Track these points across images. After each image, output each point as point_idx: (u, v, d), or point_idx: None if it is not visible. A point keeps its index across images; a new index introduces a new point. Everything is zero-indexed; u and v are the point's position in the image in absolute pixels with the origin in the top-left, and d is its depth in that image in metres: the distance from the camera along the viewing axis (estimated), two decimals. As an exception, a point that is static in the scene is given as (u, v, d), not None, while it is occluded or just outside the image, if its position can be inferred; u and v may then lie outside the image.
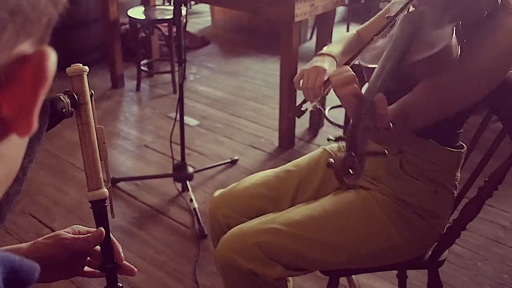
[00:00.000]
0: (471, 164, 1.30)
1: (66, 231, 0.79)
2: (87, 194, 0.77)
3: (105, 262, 0.79)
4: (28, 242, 0.78)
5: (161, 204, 2.42)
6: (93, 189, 0.77)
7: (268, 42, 4.61)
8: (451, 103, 1.04)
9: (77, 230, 0.81)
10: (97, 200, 0.77)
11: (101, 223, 0.78)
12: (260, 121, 3.25)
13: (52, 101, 0.66)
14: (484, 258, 2.07)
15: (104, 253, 0.79)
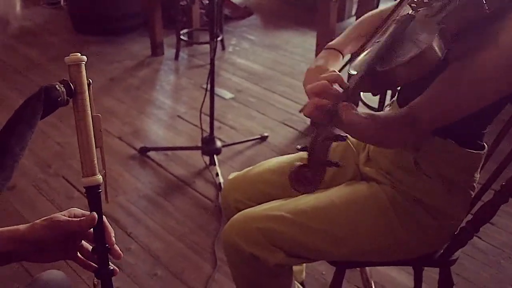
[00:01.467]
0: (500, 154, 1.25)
1: (62, 213, 0.83)
2: (82, 180, 0.80)
3: (97, 245, 0.82)
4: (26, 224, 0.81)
5: (188, 176, 2.46)
6: (88, 176, 0.79)
7: (310, 16, 4.52)
8: (463, 105, 0.99)
9: (73, 213, 0.84)
10: (91, 186, 0.79)
11: (95, 208, 0.81)
12: (294, 98, 3.23)
13: (47, 89, 0.67)
14: (508, 256, 2.01)
15: (96, 236, 0.82)
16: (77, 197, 2.25)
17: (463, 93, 0.97)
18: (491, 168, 1.26)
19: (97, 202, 0.81)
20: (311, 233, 1.19)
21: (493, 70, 0.95)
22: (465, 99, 0.98)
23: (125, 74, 3.44)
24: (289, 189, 1.32)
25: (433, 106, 0.99)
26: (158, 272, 1.88)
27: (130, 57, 3.64)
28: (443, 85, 0.98)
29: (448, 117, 1.00)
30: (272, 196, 1.32)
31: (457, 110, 0.99)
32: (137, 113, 2.99)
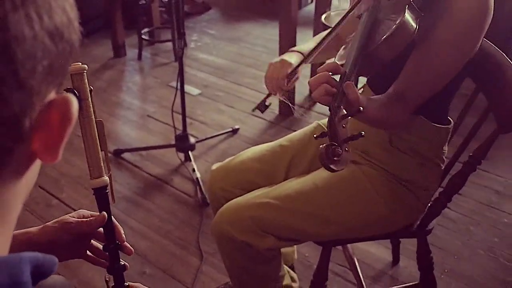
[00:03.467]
0: (465, 129, 1.35)
1: (71, 215, 0.86)
2: (90, 182, 0.84)
3: (108, 243, 0.86)
4: (37, 226, 0.85)
5: (165, 174, 2.49)
6: (95, 177, 0.83)
7: (269, 6, 4.59)
8: (440, 75, 1.10)
9: (81, 215, 0.88)
10: (99, 187, 0.83)
11: (103, 208, 0.85)
12: (261, 89, 3.29)
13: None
14: (476, 222, 2.14)
15: (106, 234, 0.86)
16: (55, 204, 2.26)
17: (435, 64, 1.08)
18: (457, 142, 1.35)
19: (106, 202, 0.85)
20: (298, 216, 1.26)
21: (452, 37, 1.07)
22: (441, 68, 1.09)
23: (90, 77, 3.36)
24: (271, 175, 1.40)
25: (414, 81, 1.09)
26: (147, 270, 1.92)
27: (93, 60, 3.62)
28: (417, 61, 1.09)
29: (431, 89, 1.10)
30: (256, 182, 1.38)
31: (437, 80, 1.09)
32: (106, 116, 2.99)
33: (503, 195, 2.30)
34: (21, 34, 0.35)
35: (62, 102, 0.40)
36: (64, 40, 0.39)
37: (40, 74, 0.38)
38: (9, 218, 0.44)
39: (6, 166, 0.40)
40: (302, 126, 2.79)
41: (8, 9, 0.34)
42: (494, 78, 1.19)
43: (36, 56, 0.37)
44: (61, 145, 0.42)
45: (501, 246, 2.01)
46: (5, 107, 0.36)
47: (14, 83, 0.36)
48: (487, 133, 1.27)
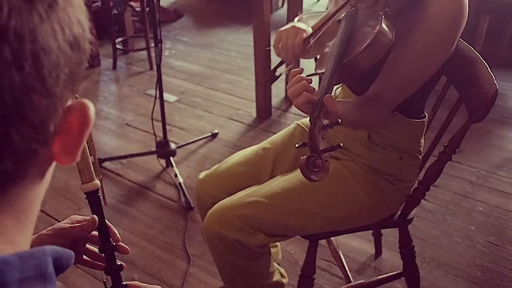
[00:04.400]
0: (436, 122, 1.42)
1: (65, 222, 0.89)
2: (81, 186, 0.86)
3: (103, 245, 0.88)
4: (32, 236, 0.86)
5: (147, 180, 2.51)
6: (86, 182, 0.85)
7: (240, 12, 4.64)
8: (415, 78, 1.15)
9: (74, 220, 0.90)
10: (90, 191, 0.86)
11: (96, 211, 0.87)
12: (237, 93, 3.34)
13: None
14: (452, 212, 2.22)
15: (101, 236, 0.89)
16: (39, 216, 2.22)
17: (413, 68, 1.13)
18: (430, 135, 1.42)
19: (98, 204, 0.87)
20: (286, 212, 1.30)
21: (427, 44, 1.12)
22: (416, 72, 1.14)
23: (65, 89, 3.40)
24: (257, 177, 1.44)
25: (392, 84, 1.14)
26: (135, 276, 1.94)
27: (66, 71, 3.61)
28: (394, 65, 1.14)
29: (407, 91, 1.15)
30: (243, 186, 1.42)
31: (413, 83, 1.15)
32: (84, 126, 2.98)
33: (476, 185, 2.39)
34: (47, 45, 0.38)
35: (80, 107, 0.44)
36: (80, 50, 0.43)
37: (63, 81, 0.41)
38: (32, 217, 0.47)
39: (32, 168, 0.43)
40: (279, 128, 2.87)
41: (36, 22, 0.38)
42: (464, 71, 1.26)
43: (60, 65, 0.40)
44: (79, 147, 0.45)
45: (478, 234, 2.09)
46: (35, 113, 0.39)
47: (42, 90, 0.39)
48: (457, 126, 1.33)
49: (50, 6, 0.39)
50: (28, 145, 0.40)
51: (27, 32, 0.37)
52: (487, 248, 2.02)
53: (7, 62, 0.36)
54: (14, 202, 0.43)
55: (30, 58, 0.37)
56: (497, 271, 1.91)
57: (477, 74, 1.22)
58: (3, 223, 0.43)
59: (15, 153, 0.39)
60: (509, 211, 2.22)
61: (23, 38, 0.37)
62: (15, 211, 0.44)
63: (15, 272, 0.39)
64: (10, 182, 0.42)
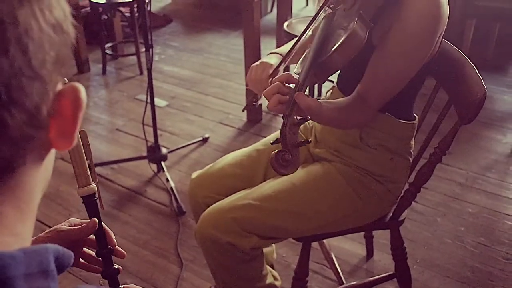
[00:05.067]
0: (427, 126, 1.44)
1: (63, 224, 0.89)
2: (78, 190, 0.86)
3: (100, 248, 0.89)
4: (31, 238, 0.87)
5: (138, 185, 2.51)
6: (83, 186, 0.85)
7: (230, 17, 4.66)
8: (397, 78, 1.17)
9: (72, 223, 0.90)
10: (87, 195, 0.86)
11: (93, 214, 0.87)
12: (227, 98, 3.34)
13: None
14: (442, 214, 2.25)
15: (98, 240, 0.89)
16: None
17: (393, 68, 1.16)
18: (419, 138, 1.44)
19: (95, 208, 0.87)
20: (278, 214, 1.31)
21: (405, 44, 1.15)
22: (396, 72, 1.16)
23: (54, 95, 3.39)
24: (250, 179, 1.45)
25: (375, 84, 1.16)
26: (127, 281, 1.93)
27: (56, 77, 3.59)
28: (375, 66, 1.16)
29: (390, 91, 1.17)
30: (236, 187, 1.43)
31: (395, 83, 1.17)
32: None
33: (465, 186, 2.42)
34: (30, 27, 0.39)
35: (71, 90, 0.44)
36: (64, 32, 0.43)
37: (50, 64, 0.41)
38: (32, 206, 0.47)
39: (29, 153, 0.43)
40: (270, 132, 2.88)
41: (16, 4, 0.38)
42: (453, 74, 1.28)
43: (45, 47, 0.41)
44: (75, 131, 0.45)
45: (467, 234, 2.12)
46: (26, 97, 0.40)
47: (30, 73, 0.40)
48: (446, 129, 1.35)
49: None
50: (23, 129, 0.41)
51: (7, 16, 0.38)
52: (477, 248, 2.04)
53: None
54: (15, 190, 0.44)
55: (13, 41, 0.38)
56: (487, 271, 1.93)
57: (466, 76, 1.24)
58: (5, 214, 0.43)
59: (10, 138, 0.40)
60: (497, 212, 2.25)
61: (4, 22, 0.37)
62: (16, 200, 0.44)
63: (21, 267, 0.40)
64: (9, 168, 0.42)
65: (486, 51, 3.63)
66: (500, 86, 3.36)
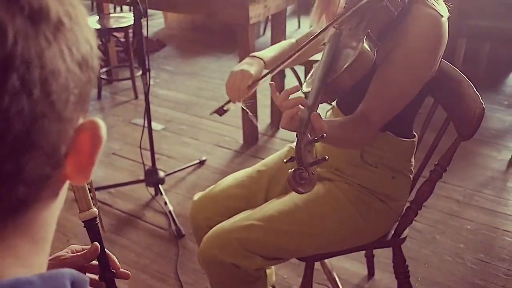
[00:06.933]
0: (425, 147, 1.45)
1: (64, 251, 0.88)
2: (79, 215, 0.85)
3: (103, 273, 0.88)
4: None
5: (136, 209, 2.49)
6: (84, 210, 0.85)
7: (223, 41, 4.71)
8: (399, 97, 1.19)
9: (73, 249, 0.89)
10: (88, 219, 0.86)
11: (95, 239, 0.87)
12: (223, 120, 3.35)
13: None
14: (441, 231, 2.25)
15: (101, 264, 0.88)
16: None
17: (396, 88, 1.18)
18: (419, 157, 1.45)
19: (96, 232, 0.87)
20: (282, 235, 1.31)
21: (407, 63, 1.17)
22: (399, 92, 1.18)
23: (50, 120, 3.38)
24: (252, 200, 1.45)
25: (378, 104, 1.17)
26: (127, 306, 1.91)
27: (51, 102, 3.60)
28: (378, 85, 1.18)
29: (393, 110, 1.19)
30: (238, 208, 1.43)
31: (397, 102, 1.18)
32: (70, 157, 2.97)
33: (463, 203, 2.43)
34: (56, 68, 0.37)
35: (91, 126, 0.43)
36: (89, 68, 0.42)
37: (72, 103, 0.40)
38: (47, 237, 0.47)
39: (45, 191, 0.42)
40: (267, 153, 2.89)
41: (43, 46, 0.37)
42: (451, 92, 1.30)
43: (69, 87, 0.39)
44: (92, 167, 0.44)
45: (467, 251, 2.12)
46: (47, 139, 0.38)
47: (53, 115, 0.38)
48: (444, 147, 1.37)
49: (56, 28, 0.38)
50: (41, 170, 0.40)
51: (34, 58, 0.36)
52: (477, 265, 2.04)
53: (15, 90, 0.35)
54: (29, 224, 0.43)
55: (38, 84, 0.36)
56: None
57: (463, 93, 1.26)
58: (19, 246, 0.42)
59: (27, 179, 0.39)
60: (496, 228, 2.25)
61: (30, 64, 0.36)
62: (31, 233, 0.44)
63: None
64: (24, 206, 0.41)
65: (477, 70, 3.68)
66: (493, 104, 3.41)
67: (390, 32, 1.17)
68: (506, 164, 2.74)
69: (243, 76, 1.32)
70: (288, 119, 1.03)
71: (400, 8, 1.14)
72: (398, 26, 1.17)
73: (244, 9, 2.50)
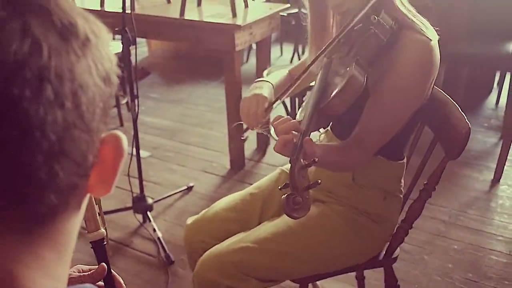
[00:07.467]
0: (412, 169, 1.49)
1: (72, 271, 0.88)
2: (87, 235, 0.86)
3: None
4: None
5: (124, 237, 2.47)
6: (93, 231, 0.86)
7: (207, 68, 4.75)
8: (392, 123, 1.22)
9: (80, 269, 0.90)
10: (97, 240, 0.87)
11: (102, 259, 0.88)
12: (209, 146, 3.37)
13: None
14: (429, 252, 2.28)
15: (107, 285, 0.89)
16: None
17: (388, 114, 1.21)
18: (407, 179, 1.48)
19: (104, 253, 0.88)
20: (277, 256, 1.32)
21: (398, 90, 1.20)
22: (392, 118, 1.21)
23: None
24: (246, 223, 1.46)
25: (371, 129, 1.21)
26: (118, 335, 1.88)
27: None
28: (371, 111, 1.21)
29: (386, 135, 1.22)
30: (232, 231, 1.44)
31: (390, 128, 1.21)
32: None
33: (449, 223, 2.47)
34: (85, 82, 0.41)
35: (113, 138, 0.46)
36: (111, 83, 0.45)
37: (98, 115, 0.43)
38: (70, 249, 0.48)
39: (71, 201, 0.44)
40: (254, 178, 2.91)
41: (73, 60, 0.40)
42: (437, 113, 1.34)
43: (96, 100, 0.42)
44: (114, 178, 0.47)
45: (455, 271, 2.15)
46: (76, 148, 0.41)
47: (82, 126, 0.41)
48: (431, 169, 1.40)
49: (84, 44, 0.41)
50: (71, 179, 0.42)
51: (66, 71, 0.39)
52: (466, 284, 2.07)
53: (49, 101, 0.38)
54: (55, 235, 0.45)
55: (70, 96, 0.39)
56: (478, 306, 1.95)
57: (450, 114, 1.30)
58: (45, 257, 0.44)
59: (58, 187, 0.41)
60: (482, 248, 2.29)
61: (63, 77, 0.39)
62: (56, 244, 0.45)
63: None
64: (52, 215, 0.43)
65: (457, 94, 3.77)
66: (473, 126, 3.44)
67: (381, 58, 1.20)
68: (489, 185, 2.79)
69: (258, 100, 1.29)
70: (282, 144, 1.05)
71: (389, 34, 1.17)
72: (388, 52, 1.20)
73: (230, 36, 2.55)
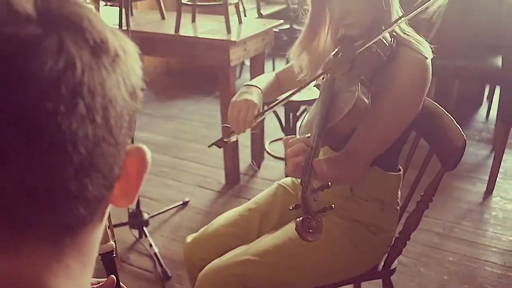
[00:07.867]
0: (407, 181, 1.51)
1: None
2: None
3: None
4: None
5: (120, 252, 2.47)
6: (102, 243, 0.87)
7: (200, 83, 4.78)
8: (388, 136, 1.25)
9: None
10: (106, 252, 0.88)
11: (111, 272, 0.88)
12: (203, 161, 3.38)
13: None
14: (425, 264, 2.29)
15: None
16: None
17: (385, 127, 1.24)
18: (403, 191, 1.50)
19: (113, 266, 0.89)
20: (277, 269, 1.33)
21: (396, 104, 1.23)
22: (388, 131, 1.24)
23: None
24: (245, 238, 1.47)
25: (367, 141, 1.23)
26: None
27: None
28: (368, 124, 1.24)
29: (382, 146, 1.25)
30: (232, 247, 1.44)
31: (386, 140, 1.24)
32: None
33: (443, 236, 2.49)
34: (114, 97, 0.42)
35: (137, 151, 0.47)
36: (137, 98, 0.46)
37: (125, 129, 0.44)
38: (93, 260, 0.49)
39: (98, 212, 0.46)
40: (249, 193, 2.92)
41: (104, 76, 0.41)
42: (433, 126, 1.37)
43: (123, 114, 0.43)
44: (137, 190, 0.48)
45: (451, 283, 2.16)
46: (105, 161, 0.42)
47: (110, 140, 0.42)
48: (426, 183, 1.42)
49: (113, 59, 0.42)
50: (99, 191, 0.43)
51: (98, 87, 0.40)
52: (462, 296, 2.08)
53: (82, 116, 0.39)
54: (81, 246, 0.46)
55: (100, 111, 0.40)
56: (475, 318, 1.96)
57: (445, 126, 1.33)
58: (71, 266, 0.45)
59: (87, 199, 0.42)
60: (477, 259, 2.31)
61: (94, 93, 0.40)
62: (80, 255, 0.46)
63: None
64: (81, 226, 0.44)
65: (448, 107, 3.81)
66: (464, 139, 3.53)
67: (379, 75, 1.23)
68: (482, 197, 2.83)
69: (248, 106, 1.28)
70: (294, 167, 1.06)
71: (388, 52, 1.21)
72: (386, 69, 1.23)
73: (226, 52, 2.58)
